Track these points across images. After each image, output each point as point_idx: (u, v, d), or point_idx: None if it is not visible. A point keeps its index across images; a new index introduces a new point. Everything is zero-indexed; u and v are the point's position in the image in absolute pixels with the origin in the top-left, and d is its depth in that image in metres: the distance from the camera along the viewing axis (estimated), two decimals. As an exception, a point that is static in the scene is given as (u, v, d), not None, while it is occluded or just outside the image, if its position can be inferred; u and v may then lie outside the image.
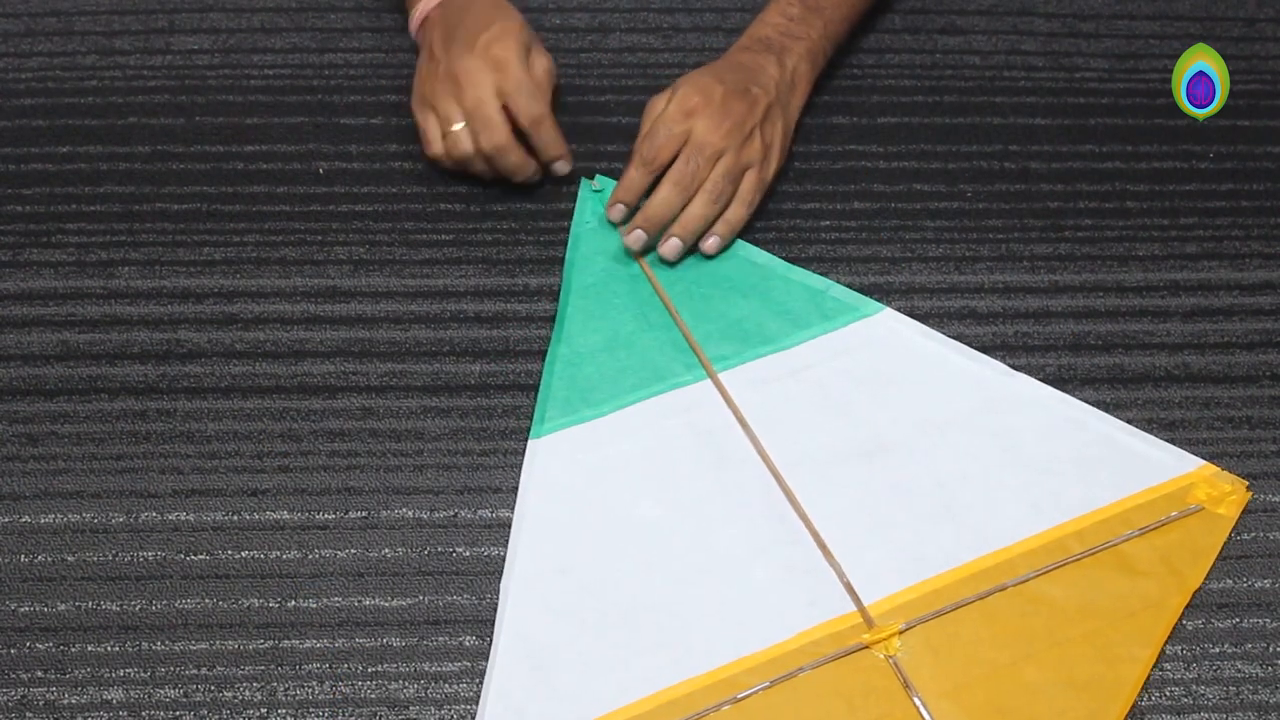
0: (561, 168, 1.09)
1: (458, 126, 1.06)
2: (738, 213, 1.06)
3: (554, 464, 0.96)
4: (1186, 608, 0.91)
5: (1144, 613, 0.91)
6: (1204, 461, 0.97)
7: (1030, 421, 0.99)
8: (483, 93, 1.05)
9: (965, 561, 0.92)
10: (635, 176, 1.05)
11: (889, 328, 1.04)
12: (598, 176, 1.11)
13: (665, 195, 1.04)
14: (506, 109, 1.06)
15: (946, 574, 0.92)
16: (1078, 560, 0.92)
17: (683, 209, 1.05)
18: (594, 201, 1.09)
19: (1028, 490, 0.95)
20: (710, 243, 1.06)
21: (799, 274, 1.06)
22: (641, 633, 0.89)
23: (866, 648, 0.89)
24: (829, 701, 0.87)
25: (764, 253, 1.07)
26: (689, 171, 1.04)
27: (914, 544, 0.93)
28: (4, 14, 1.22)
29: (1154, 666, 0.89)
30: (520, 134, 1.07)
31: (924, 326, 1.04)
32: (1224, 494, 0.95)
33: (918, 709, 0.87)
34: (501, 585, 0.91)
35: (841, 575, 0.91)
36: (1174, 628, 0.91)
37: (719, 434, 0.98)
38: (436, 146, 1.08)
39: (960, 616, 0.90)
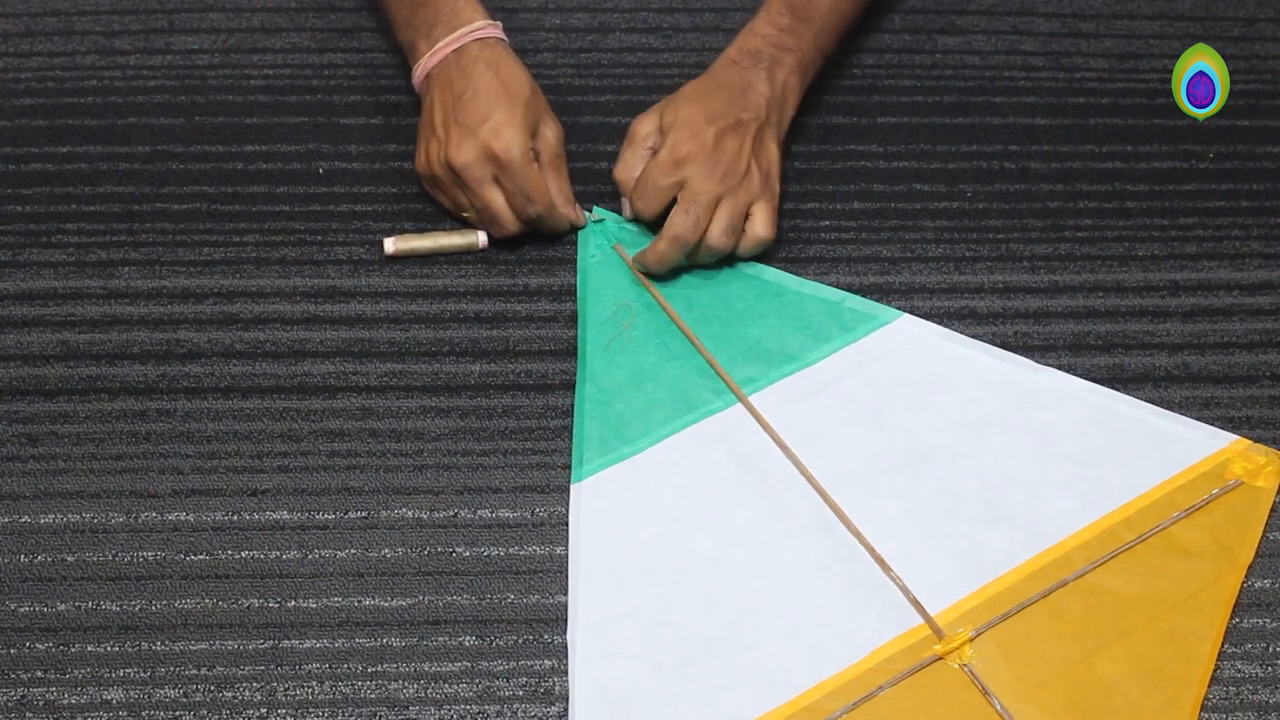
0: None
1: (467, 214, 1.07)
2: (767, 235, 1.04)
3: (600, 506, 0.95)
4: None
5: (1203, 593, 0.91)
6: (1236, 436, 0.98)
7: (1064, 414, 0.99)
8: (485, 191, 1.03)
9: (1022, 561, 0.92)
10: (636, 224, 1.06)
11: (910, 333, 1.03)
12: (595, 208, 1.10)
13: (665, 251, 1.03)
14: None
15: (1006, 575, 0.92)
16: (1131, 548, 0.93)
17: (688, 253, 1.03)
18: (596, 234, 1.08)
19: (1071, 483, 0.96)
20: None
21: (811, 287, 1.06)
22: (718, 669, 0.89)
23: (941, 659, 0.89)
24: (913, 717, 0.87)
25: (773, 269, 1.06)
26: (689, 224, 1.02)
27: (969, 549, 0.93)
28: (4, 14, 1.22)
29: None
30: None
31: (943, 329, 1.04)
32: (1260, 466, 0.96)
33: (1000, 715, 0.87)
34: (568, 636, 0.90)
35: (904, 588, 0.91)
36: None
37: (759, 458, 0.97)
38: (462, 214, 1.08)
39: (1026, 617, 0.91)
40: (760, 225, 1.04)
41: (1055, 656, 0.89)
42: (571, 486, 0.96)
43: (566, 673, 0.89)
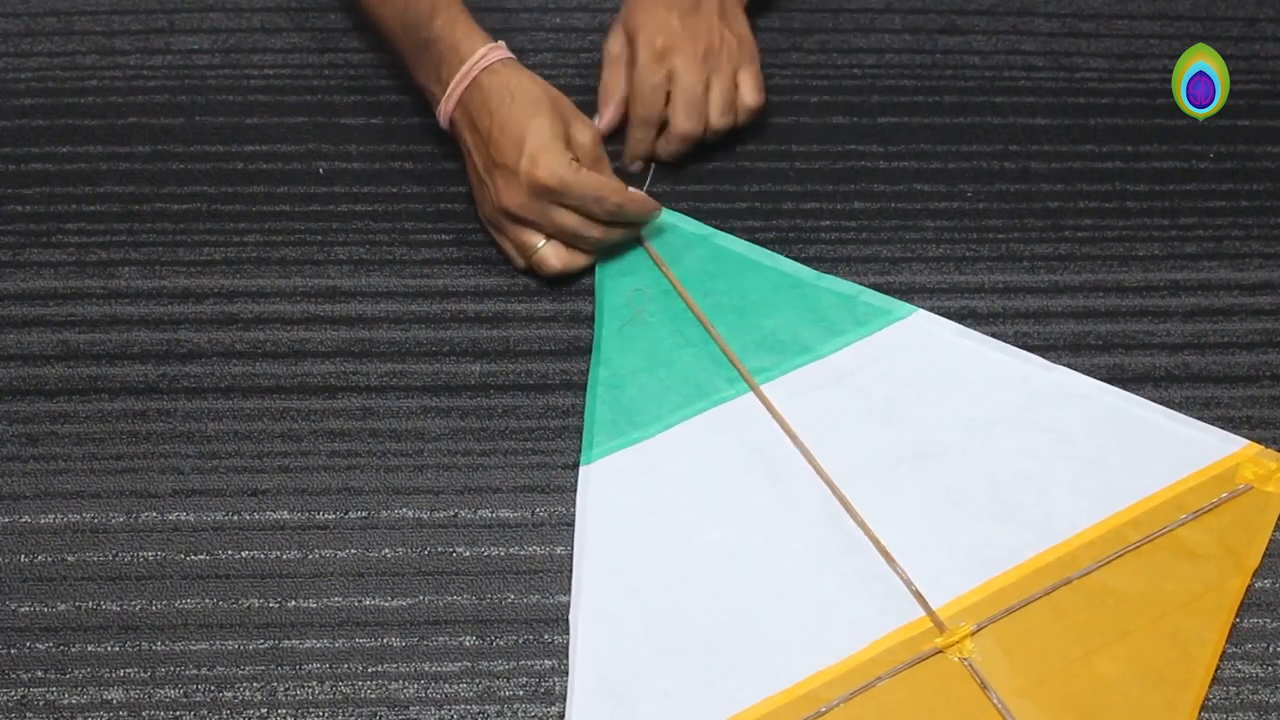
0: (654, 217, 1.06)
1: (541, 245, 1.03)
2: (757, 103, 1.10)
3: (608, 489, 0.95)
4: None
5: (1207, 595, 0.91)
6: (1247, 441, 0.98)
7: (1075, 413, 0.99)
8: (555, 218, 1.01)
9: (1027, 558, 0.92)
10: (641, 137, 1.10)
11: (924, 329, 1.03)
12: None
13: (677, 149, 1.10)
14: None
15: (1010, 571, 0.92)
16: (1137, 549, 0.93)
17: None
18: None
19: (1080, 482, 0.96)
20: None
21: (828, 280, 1.06)
22: (718, 655, 0.89)
23: (941, 652, 0.89)
24: (910, 709, 0.87)
25: (791, 261, 1.07)
26: (692, 119, 1.08)
27: (975, 544, 0.93)
28: (4, 14, 1.22)
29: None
30: None
31: (958, 325, 1.04)
32: (1270, 472, 0.96)
33: (998, 709, 0.87)
34: (570, 618, 0.90)
35: (908, 580, 0.91)
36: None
37: (769, 447, 0.97)
38: (520, 263, 1.06)
39: (1029, 613, 0.91)
40: (748, 94, 1.09)
41: (1056, 654, 0.89)
42: (580, 469, 0.96)
43: (566, 673, 0.89)
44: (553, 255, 1.04)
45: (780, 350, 1.02)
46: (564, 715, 0.88)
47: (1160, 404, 1.01)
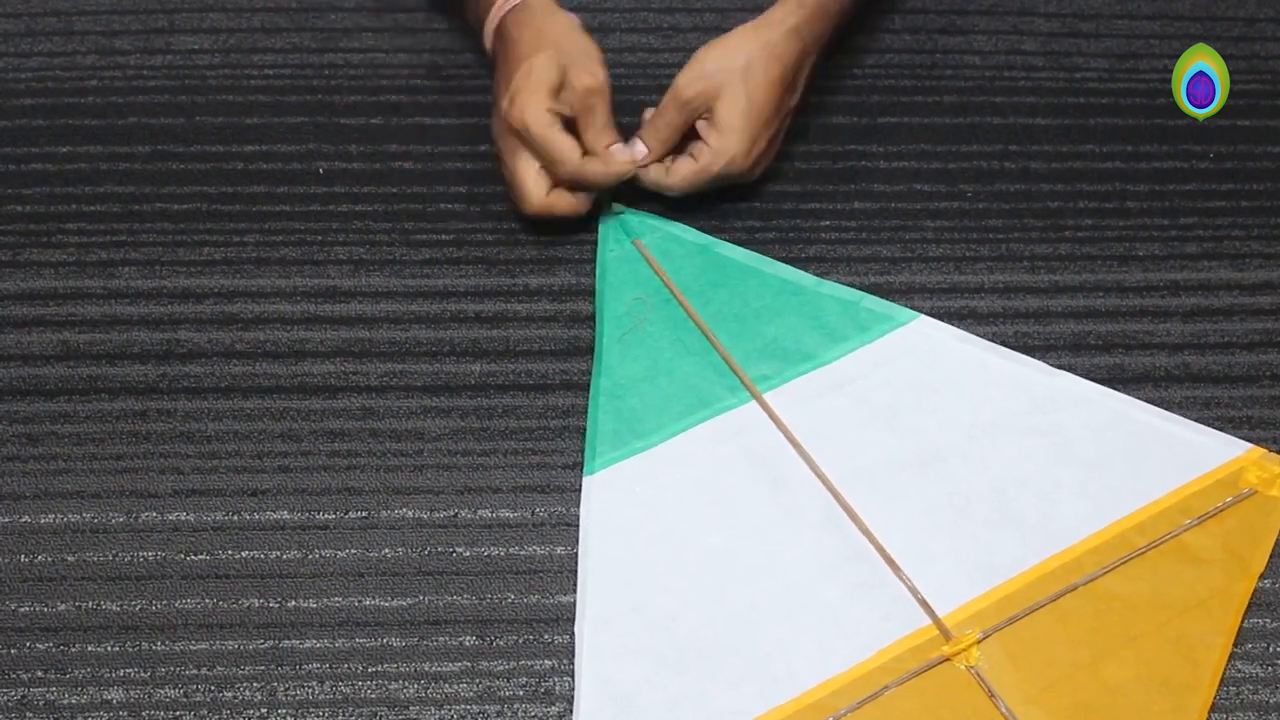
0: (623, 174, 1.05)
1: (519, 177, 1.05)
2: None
3: (611, 500, 0.95)
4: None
5: (1212, 600, 0.91)
6: (1250, 445, 0.98)
7: (1078, 418, 0.99)
8: (514, 162, 1.03)
9: (1032, 564, 0.92)
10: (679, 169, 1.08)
11: (926, 335, 1.03)
12: (613, 204, 1.09)
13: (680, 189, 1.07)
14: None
15: (1015, 579, 0.92)
16: (1142, 554, 0.93)
17: None
18: (616, 229, 1.08)
19: (1084, 487, 0.95)
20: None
21: (829, 287, 1.06)
22: (723, 665, 0.89)
23: (947, 660, 0.89)
24: (918, 717, 0.87)
25: (791, 268, 1.06)
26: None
27: (979, 551, 0.93)
28: (4, 14, 1.22)
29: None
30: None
31: (960, 331, 1.03)
32: (1274, 476, 0.96)
33: (1005, 717, 0.87)
34: (575, 629, 0.90)
35: (913, 589, 0.91)
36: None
37: (772, 455, 0.97)
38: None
39: (1034, 620, 0.90)
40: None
41: (1062, 661, 0.89)
42: (583, 479, 0.96)
43: (567, 673, 0.89)
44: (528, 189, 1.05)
45: (782, 358, 1.02)
46: (563, 716, 0.88)
47: (1160, 404, 1.01)
